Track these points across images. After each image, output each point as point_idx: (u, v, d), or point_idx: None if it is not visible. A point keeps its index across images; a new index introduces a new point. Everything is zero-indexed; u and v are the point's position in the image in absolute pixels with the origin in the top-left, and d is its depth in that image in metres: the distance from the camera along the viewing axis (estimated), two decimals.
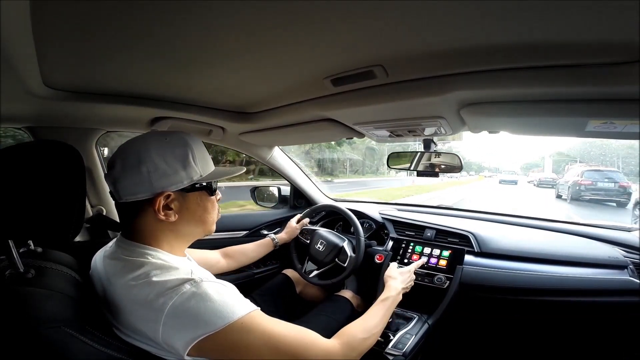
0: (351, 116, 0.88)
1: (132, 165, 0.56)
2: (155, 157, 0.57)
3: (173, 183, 0.58)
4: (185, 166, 0.59)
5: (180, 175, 0.58)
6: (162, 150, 0.58)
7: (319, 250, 1.27)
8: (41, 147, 0.53)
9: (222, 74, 0.69)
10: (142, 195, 0.57)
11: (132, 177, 0.56)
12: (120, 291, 0.53)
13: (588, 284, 0.96)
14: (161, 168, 0.57)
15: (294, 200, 1.69)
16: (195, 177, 0.60)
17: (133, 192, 0.57)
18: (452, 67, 0.59)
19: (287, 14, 0.44)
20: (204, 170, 0.62)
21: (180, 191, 0.59)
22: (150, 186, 0.56)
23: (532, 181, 17.16)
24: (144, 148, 0.57)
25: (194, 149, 0.61)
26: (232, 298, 0.54)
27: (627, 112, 0.57)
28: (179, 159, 0.59)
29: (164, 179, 0.57)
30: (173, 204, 0.59)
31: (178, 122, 1.00)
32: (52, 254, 0.60)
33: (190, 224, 0.63)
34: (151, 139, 0.59)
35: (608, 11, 0.38)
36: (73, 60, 0.60)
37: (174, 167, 0.58)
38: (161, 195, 0.57)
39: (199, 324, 0.49)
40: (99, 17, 0.45)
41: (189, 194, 0.61)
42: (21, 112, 0.83)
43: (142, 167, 0.56)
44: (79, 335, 0.47)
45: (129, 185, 0.56)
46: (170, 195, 0.58)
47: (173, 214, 0.59)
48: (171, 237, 0.61)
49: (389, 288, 0.91)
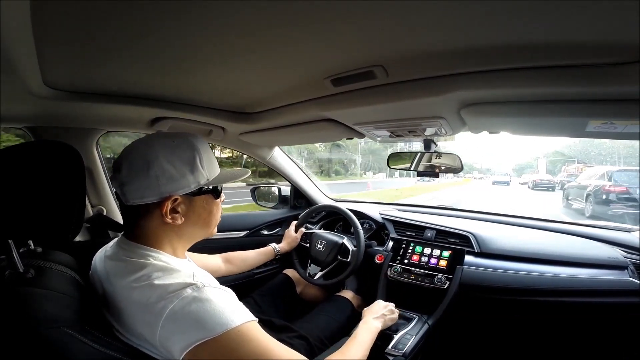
0: (351, 116, 0.89)
1: (140, 169, 0.56)
2: (164, 161, 0.56)
3: (181, 187, 0.58)
4: (193, 170, 0.59)
5: (188, 179, 0.58)
6: (170, 154, 0.57)
7: (319, 251, 1.27)
8: (41, 147, 0.53)
9: (223, 74, 0.69)
10: (150, 199, 0.57)
11: (140, 181, 0.56)
12: (121, 292, 0.53)
13: (588, 285, 0.95)
14: (169, 172, 0.56)
15: (294, 200, 1.70)
16: (203, 181, 0.60)
17: (141, 196, 0.56)
18: (453, 67, 0.59)
19: (287, 14, 0.44)
20: (211, 173, 0.62)
21: (187, 195, 0.59)
22: (159, 190, 0.56)
23: (525, 183, 15.95)
24: (152, 151, 0.57)
25: (202, 153, 0.60)
26: (231, 305, 0.53)
27: (627, 113, 0.57)
28: (187, 163, 0.58)
29: (172, 183, 0.57)
30: (180, 208, 0.59)
31: (178, 122, 1.00)
32: (52, 254, 0.60)
33: (195, 227, 0.63)
34: (158, 142, 0.58)
35: (608, 11, 0.38)
36: (73, 60, 0.60)
37: (181, 171, 0.57)
38: (169, 199, 0.57)
39: (197, 329, 0.48)
40: (99, 17, 0.45)
41: (195, 198, 0.61)
42: (21, 112, 0.83)
43: (151, 171, 0.55)
44: (79, 336, 0.47)
45: (136, 189, 0.56)
46: (178, 199, 0.58)
47: (179, 217, 0.59)
48: (174, 240, 0.61)
49: (360, 323, 0.89)
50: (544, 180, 13.71)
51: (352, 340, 0.77)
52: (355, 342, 0.77)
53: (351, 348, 0.75)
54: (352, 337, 0.79)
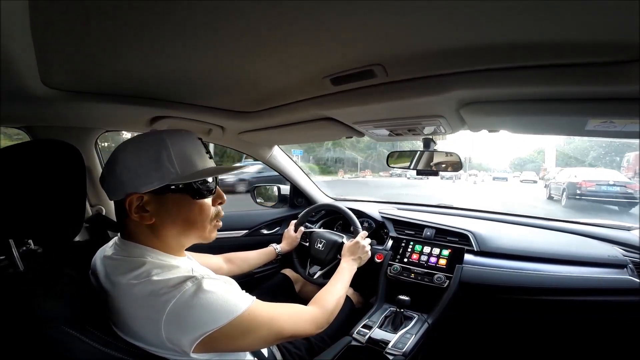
0: (351, 115, 0.88)
1: (110, 166, 0.58)
2: (130, 157, 0.57)
3: (143, 184, 0.56)
4: (158, 167, 0.56)
5: (151, 176, 0.56)
6: (137, 150, 0.57)
7: (319, 250, 1.27)
8: (42, 146, 0.53)
9: (222, 73, 0.69)
10: (117, 195, 0.58)
11: (110, 178, 0.58)
12: (121, 290, 0.53)
13: (587, 283, 0.96)
14: (132, 169, 0.56)
15: (293, 199, 1.69)
16: (170, 178, 0.57)
17: (113, 193, 0.58)
18: (452, 66, 0.59)
19: (286, 12, 0.44)
20: (184, 170, 0.58)
21: (155, 193, 0.57)
22: (122, 187, 0.56)
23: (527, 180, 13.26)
24: (122, 149, 0.58)
25: (171, 148, 0.57)
26: (233, 293, 0.55)
27: (627, 111, 0.57)
28: (152, 159, 0.56)
29: (135, 180, 0.56)
30: (149, 207, 0.57)
31: (177, 121, 1.00)
32: (51, 253, 0.60)
33: (173, 228, 0.60)
34: (133, 139, 0.59)
35: (608, 9, 0.38)
36: (71, 60, 0.60)
37: (146, 168, 0.56)
38: (132, 196, 0.56)
39: (204, 321, 0.49)
40: (97, 16, 0.45)
41: (166, 196, 0.58)
42: (20, 112, 0.83)
43: (117, 168, 0.56)
44: (79, 335, 0.47)
45: (109, 186, 0.58)
46: (144, 197, 0.56)
47: (149, 216, 0.57)
48: (155, 239, 0.60)
49: (343, 262, 1.04)
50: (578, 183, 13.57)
51: (335, 278, 0.93)
52: (339, 279, 0.93)
53: (335, 285, 0.89)
54: (335, 276, 0.95)
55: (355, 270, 1.03)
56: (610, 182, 6.24)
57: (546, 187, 8.46)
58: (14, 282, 0.49)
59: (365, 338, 0.98)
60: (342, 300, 0.85)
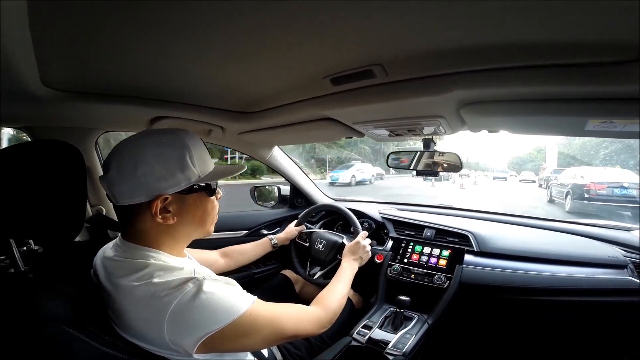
0: (350, 115, 0.88)
1: (128, 168, 0.54)
2: (152, 159, 0.55)
3: (170, 186, 0.56)
4: (183, 168, 0.57)
5: (178, 177, 0.57)
6: (159, 152, 0.56)
7: (319, 250, 1.27)
8: (42, 146, 0.53)
9: (222, 73, 0.69)
10: (139, 199, 0.56)
11: (128, 180, 0.54)
12: (123, 291, 0.53)
13: (587, 284, 0.96)
14: (157, 171, 0.55)
15: (293, 200, 1.69)
16: (194, 179, 0.59)
17: (130, 196, 0.55)
18: (452, 66, 0.59)
19: (286, 13, 0.44)
20: (203, 170, 0.60)
21: (178, 193, 0.58)
22: (147, 190, 0.55)
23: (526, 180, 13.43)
24: (140, 150, 0.55)
25: (192, 149, 0.59)
26: (235, 293, 0.55)
27: (627, 111, 0.57)
28: (176, 161, 0.57)
29: (161, 182, 0.55)
30: (171, 207, 0.58)
31: (177, 121, 1.00)
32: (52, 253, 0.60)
33: (189, 226, 0.62)
34: (147, 139, 0.57)
35: (608, 9, 0.38)
36: (71, 60, 0.60)
37: (170, 170, 0.56)
38: (158, 199, 0.56)
39: (206, 322, 0.50)
40: (97, 16, 0.45)
41: (187, 196, 0.59)
42: (20, 113, 0.83)
43: (138, 170, 0.54)
44: (80, 335, 0.47)
45: (125, 189, 0.55)
46: (168, 198, 0.57)
47: (171, 216, 0.58)
48: (169, 239, 0.60)
49: (344, 262, 1.03)
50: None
51: (337, 278, 0.91)
52: (340, 279, 0.91)
53: (337, 285, 0.88)
54: (337, 276, 0.93)
55: (356, 270, 1.02)
56: (625, 183, 5.66)
57: (546, 187, 8.13)
58: (14, 282, 0.49)
59: (365, 338, 0.98)
60: (344, 300, 0.84)
